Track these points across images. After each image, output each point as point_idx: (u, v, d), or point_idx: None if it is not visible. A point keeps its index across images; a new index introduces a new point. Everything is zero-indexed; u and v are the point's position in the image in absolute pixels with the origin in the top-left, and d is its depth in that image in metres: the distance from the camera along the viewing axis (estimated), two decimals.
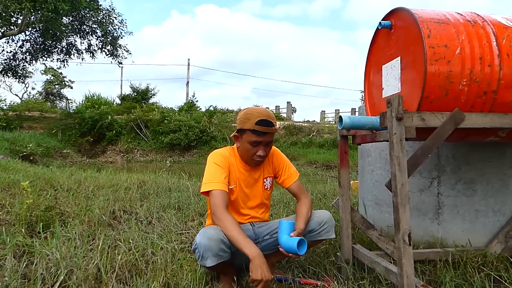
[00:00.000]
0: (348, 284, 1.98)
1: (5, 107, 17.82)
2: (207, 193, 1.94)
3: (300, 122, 20.54)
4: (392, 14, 1.89)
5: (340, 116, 1.85)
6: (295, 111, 28.05)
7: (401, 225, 1.51)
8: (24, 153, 9.59)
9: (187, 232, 2.96)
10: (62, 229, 2.92)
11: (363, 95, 2.26)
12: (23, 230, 2.81)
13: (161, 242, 2.52)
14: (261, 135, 1.95)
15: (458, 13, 1.76)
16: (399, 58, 1.83)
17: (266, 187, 2.18)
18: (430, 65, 1.58)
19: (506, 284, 1.97)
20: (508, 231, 2.30)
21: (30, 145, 10.06)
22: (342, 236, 2.15)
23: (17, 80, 17.96)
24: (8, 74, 17.24)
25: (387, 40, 1.95)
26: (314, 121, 29.01)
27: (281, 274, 2.12)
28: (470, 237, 2.36)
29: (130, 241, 2.62)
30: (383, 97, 2.00)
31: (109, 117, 14.91)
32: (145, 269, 2.20)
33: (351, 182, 5.34)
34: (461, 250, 2.25)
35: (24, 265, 2.25)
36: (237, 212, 2.11)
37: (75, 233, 2.82)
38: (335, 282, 2.01)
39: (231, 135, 2.12)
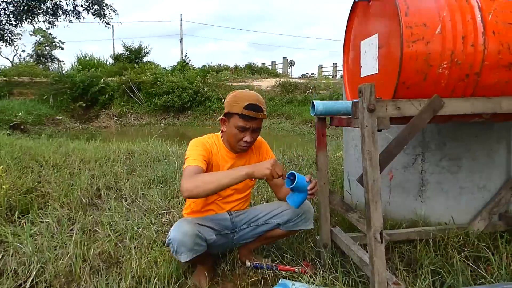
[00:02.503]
0: (326, 270, 1.95)
1: None
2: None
3: (296, 78, 20.18)
4: None
5: (313, 102, 1.72)
6: (293, 64, 27.47)
7: (373, 222, 1.44)
8: (14, 123, 9.43)
9: (168, 213, 2.91)
10: (42, 213, 2.88)
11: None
12: (0, 217, 2.75)
13: (139, 229, 2.47)
14: (249, 120, 1.83)
15: None
16: (376, 35, 1.66)
17: (252, 178, 2.08)
18: (407, 47, 1.43)
19: (482, 267, 1.94)
20: (492, 207, 2.24)
21: (20, 113, 9.86)
22: (320, 220, 2.09)
23: (5, 43, 17.38)
24: None
25: (365, 14, 1.78)
26: (313, 74, 28.52)
27: (258, 261, 2.09)
28: (454, 215, 2.31)
29: (108, 226, 2.57)
30: (361, 76, 1.85)
31: (101, 80, 14.57)
32: (122, 258, 2.17)
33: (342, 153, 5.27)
34: (443, 229, 2.20)
35: (0, 256, 2.22)
36: (217, 201, 2.03)
37: (55, 217, 2.78)
38: (313, 268, 1.97)
39: (218, 119, 1.99)
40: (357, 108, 1.44)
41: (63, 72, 18.26)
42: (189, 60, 18.18)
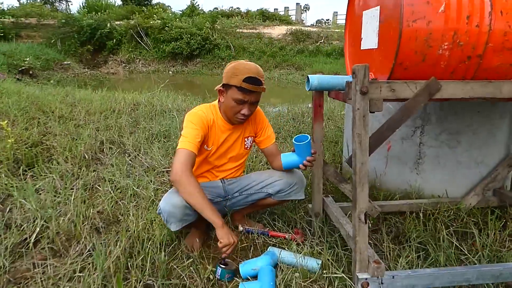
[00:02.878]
0: (315, 239, 2.01)
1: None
2: None
3: (308, 26, 19.48)
4: None
5: (308, 77, 1.68)
6: (308, 9, 26.28)
7: (358, 204, 1.45)
8: (23, 68, 9.40)
9: (168, 171, 2.97)
10: (47, 167, 2.96)
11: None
12: (7, 170, 2.84)
13: (138, 189, 2.54)
14: (248, 93, 1.79)
15: None
16: (378, 7, 1.58)
17: (246, 147, 2.09)
18: (407, 26, 1.36)
19: (469, 242, 1.98)
20: (488, 183, 2.24)
21: (28, 58, 9.79)
22: (313, 189, 2.12)
23: None
24: None
25: None
26: (328, 20, 27.36)
27: (250, 226, 2.15)
28: (448, 189, 2.32)
29: (109, 184, 2.64)
30: (361, 48, 1.79)
31: (108, 24, 14.22)
32: (121, 217, 2.26)
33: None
34: (435, 202, 2.22)
35: (8, 210, 2.32)
36: (212, 170, 2.05)
37: (59, 172, 2.86)
38: (303, 236, 2.04)
39: (215, 88, 1.93)
40: (350, 89, 1.40)
41: (71, 13, 17.83)
42: (198, 5, 17.53)
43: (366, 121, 1.38)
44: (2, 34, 13.36)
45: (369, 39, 1.68)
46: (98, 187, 2.65)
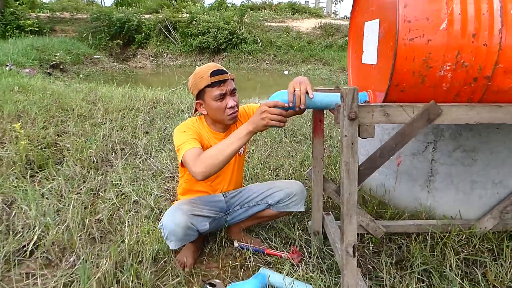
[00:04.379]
0: (312, 260, 1.92)
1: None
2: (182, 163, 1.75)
3: (339, 19, 18.99)
4: None
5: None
6: (342, 0, 25.53)
7: (345, 236, 1.34)
8: (54, 62, 9.67)
9: (172, 178, 2.94)
10: (56, 169, 2.99)
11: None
12: (18, 172, 2.90)
13: (140, 198, 2.52)
14: (221, 84, 1.77)
15: None
16: (378, 20, 1.45)
17: (239, 152, 2.02)
18: (402, 45, 1.23)
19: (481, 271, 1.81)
20: (506, 206, 2.06)
21: (58, 53, 10.06)
22: (313, 207, 2.01)
23: None
24: None
25: None
26: None
27: (247, 240, 2.08)
28: (462, 209, 2.15)
29: (111, 190, 2.64)
30: (362, 62, 1.66)
31: (136, 18, 14.39)
32: (119, 227, 2.24)
33: None
34: (446, 224, 2.07)
35: (13, 214, 2.36)
36: (210, 183, 1.99)
37: (67, 175, 2.89)
38: (300, 255, 1.94)
39: (194, 106, 1.89)
40: (339, 113, 1.29)
41: (105, 6, 18.17)
42: None
43: (354, 149, 1.27)
44: (37, 29, 13.80)
45: (369, 53, 1.55)
46: (101, 193, 2.64)
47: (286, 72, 12.45)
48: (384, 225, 2.09)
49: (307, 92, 1.48)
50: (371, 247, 2.03)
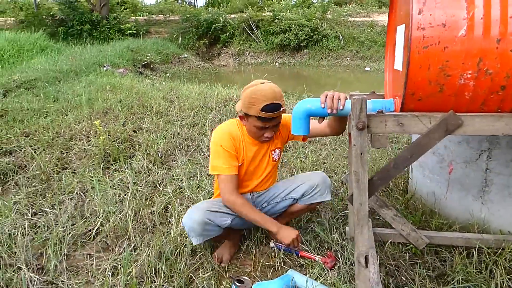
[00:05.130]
0: (346, 266, 1.90)
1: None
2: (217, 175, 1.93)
3: None
4: None
5: None
6: None
7: (357, 246, 1.33)
8: (145, 62, 10.60)
9: None
10: (127, 162, 3.34)
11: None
12: (97, 163, 3.30)
13: (191, 194, 2.70)
14: (267, 121, 1.81)
15: None
16: (403, 26, 1.39)
17: (274, 159, 2.09)
18: (416, 53, 1.18)
19: None
20: None
21: (149, 54, 10.99)
22: (349, 212, 1.99)
23: None
24: None
25: None
26: None
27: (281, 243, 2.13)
28: None
29: (168, 185, 2.87)
30: (394, 68, 1.60)
31: (222, 18, 15.03)
32: (169, 219, 2.44)
33: None
34: (499, 240, 1.89)
35: (87, 201, 2.71)
36: (242, 184, 2.09)
37: (133, 169, 3.20)
38: (334, 260, 1.94)
39: (238, 114, 1.95)
40: (350, 122, 1.28)
41: (197, 7, 19.20)
42: None
43: (364, 159, 1.25)
44: (135, 32, 15.19)
45: (398, 59, 1.50)
46: (158, 186, 2.89)
47: (367, 69, 12.00)
48: (428, 236, 1.98)
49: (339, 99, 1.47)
50: (407, 258, 1.94)
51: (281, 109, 1.79)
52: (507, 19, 1.12)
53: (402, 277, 1.83)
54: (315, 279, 1.80)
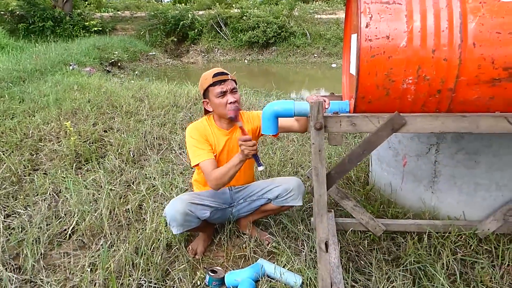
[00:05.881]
0: (312, 254, 2.06)
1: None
2: (197, 165, 2.05)
3: None
4: None
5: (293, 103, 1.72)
6: None
7: (318, 233, 1.49)
8: (112, 60, 10.46)
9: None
10: (99, 162, 3.38)
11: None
12: (68, 164, 3.32)
13: (164, 192, 2.80)
14: (222, 83, 2.01)
15: None
16: (356, 35, 1.56)
17: None
18: (364, 61, 1.34)
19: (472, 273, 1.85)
20: (510, 208, 2.05)
21: (116, 52, 10.85)
22: (314, 204, 2.15)
23: None
24: None
25: (354, 7, 1.65)
26: None
27: (254, 232, 2.27)
28: (466, 211, 2.17)
29: (141, 184, 2.95)
30: (349, 72, 1.77)
31: (190, 15, 14.99)
32: (143, 217, 2.53)
33: None
34: (446, 225, 2.11)
35: (61, 201, 2.75)
36: None
37: (106, 169, 3.25)
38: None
39: (204, 106, 2.12)
40: (309, 123, 1.43)
41: (163, 2, 18.98)
42: None
43: (322, 155, 1.41)
44: (101, 29, 14.88)
45: (352, 64, 1.66)
46: (136, 185, 2.96)
47: (334, 65, 12.33)
48: (385, 223, 2.18)
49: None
50: (366, 244, 2.13)
51: (229, 74, 2.04)
52: (440, 33, 1.30)
53: (362, 261, 2.02)
54: (283, 267, 1.95)
